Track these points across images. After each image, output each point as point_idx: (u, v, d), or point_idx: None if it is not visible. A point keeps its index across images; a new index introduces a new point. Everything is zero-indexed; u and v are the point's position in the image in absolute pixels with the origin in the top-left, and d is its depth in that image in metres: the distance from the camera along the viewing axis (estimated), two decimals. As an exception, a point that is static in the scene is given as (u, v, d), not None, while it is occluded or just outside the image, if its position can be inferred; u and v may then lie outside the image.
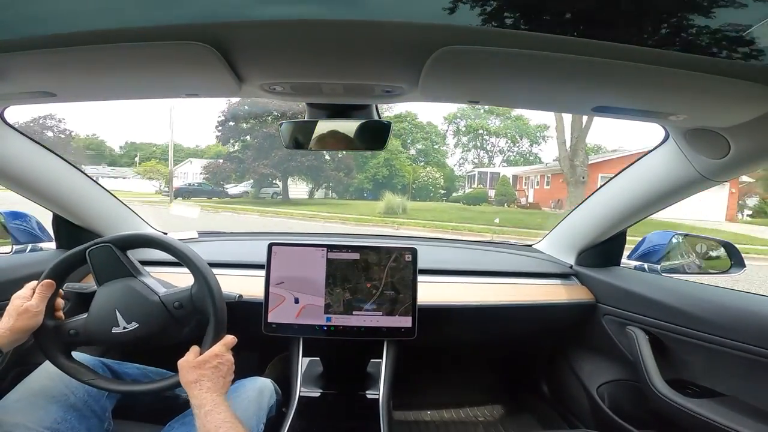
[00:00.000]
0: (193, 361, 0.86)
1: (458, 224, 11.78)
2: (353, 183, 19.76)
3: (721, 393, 1.06)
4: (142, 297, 0.93)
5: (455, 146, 27.63)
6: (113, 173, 24.65)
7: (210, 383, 0.82)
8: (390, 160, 19.95)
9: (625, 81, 0.65)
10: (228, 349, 0.91)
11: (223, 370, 0.86)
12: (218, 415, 0.77)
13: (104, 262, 0.94)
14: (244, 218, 12.62)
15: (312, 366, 1.27)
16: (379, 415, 1.10)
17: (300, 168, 17.75)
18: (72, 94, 0.88)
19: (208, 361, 0.86)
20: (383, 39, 0.58)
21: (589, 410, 1.40)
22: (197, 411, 0.78)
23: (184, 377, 0.84)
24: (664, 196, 1.14)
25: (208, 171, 18.78)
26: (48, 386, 0.92)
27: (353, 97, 0.86)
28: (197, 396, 0.80)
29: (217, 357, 0.87)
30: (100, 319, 0.92)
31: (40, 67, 0.67)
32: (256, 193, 18.68)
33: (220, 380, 0.84)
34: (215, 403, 0.79)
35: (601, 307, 1.39)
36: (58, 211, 1.30)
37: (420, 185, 20.60)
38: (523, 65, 0.61)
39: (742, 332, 0.99)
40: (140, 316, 0.91)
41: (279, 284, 1.18)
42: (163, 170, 18.82)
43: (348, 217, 12.88)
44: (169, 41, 0.58)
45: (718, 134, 0.84)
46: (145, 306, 0.92)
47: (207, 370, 0.84)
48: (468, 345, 1.80)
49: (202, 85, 0.80)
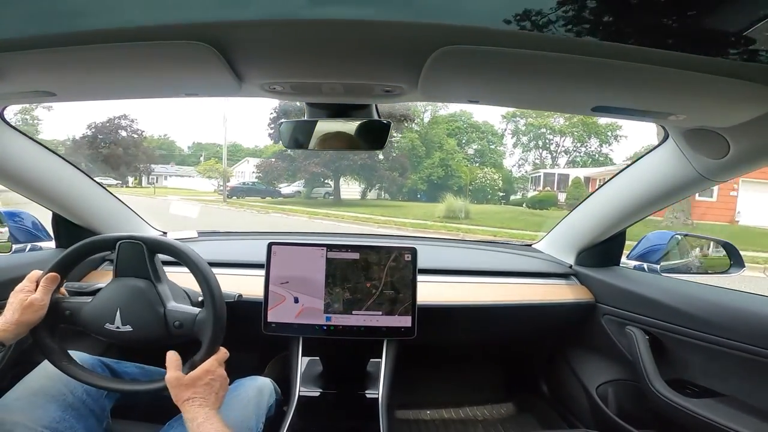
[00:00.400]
0: (184, 378, 0.83)
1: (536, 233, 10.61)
2: (407, 183, 18.94)
3: (720, 393, 1.07)
4: (148, 304, 0.92)
5: (514, 146, 25.98)
6: (180, 172, 25.20)
7: (203, 400, 0.81)
8: (446, 160, 19.18)
9: (625, 81, 0.65)
10: (221, 364, 0.89)
11: (216, 386, 0.84)
12: (211, 426, 0.76)
13: (130, 258, 0.94)
14: (294, 220, 11.89)
15: (312, 365, 1.27)
16: (379, 415, 1.10)
17: (353, 167, 17.19)
18: (72, 94, 0.88)
19: (201, 378, 0.83)
20: (383, 39, 0.58)
21: (588, 410, 1.40)
22: (189, 424, 0.78)
23: (176, 396, 0.82)
24: (664, 196, 1.14)
25: (261, 170, 18.49)
26: (47, 385, 0.91)
27: (353, 97, 0.86)
28: (189, 411, 0.79)
29: (209, 373, 0.85)
30: (99, 311, 0.91)
31: (40, 67, 0.67)
32: (307, 193, 18.40)
33: (212, 396, 0.83)
34: (207, 416, 0.78)
35: (601, 307, 1.39)
36: (58, 210, 1.30)
37: (477, 187, 19.64)
38: (523, 65, 0.61)
39: (741, 332, 0.99)
40: (137, 320, 0.90)
41: (278, 284, 1.18)
42: (221, 169, 18.97)
43: (404, 221, 11.46)
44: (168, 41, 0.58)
45: (717, 134, 0.84)
46: (147, 314, 0.91)
47: (199, 387, 0.82)
48: (468, 345, 1.80)
49: (202, 85, 0.80)
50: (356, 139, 0.97)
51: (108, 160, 17.57)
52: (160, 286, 0.95)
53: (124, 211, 1.50)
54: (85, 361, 0.97)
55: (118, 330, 0.89)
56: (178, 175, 24.65)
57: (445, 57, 0.59)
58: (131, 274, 0.94)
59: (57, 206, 1.28)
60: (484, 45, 0.56)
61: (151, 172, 22.16)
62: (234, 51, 0.61)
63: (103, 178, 14.96)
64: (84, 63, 0.66)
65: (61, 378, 0.92)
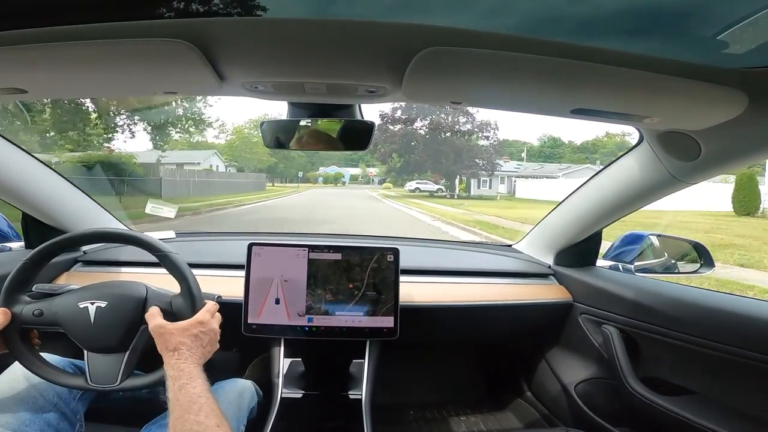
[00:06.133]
0: (168, 326, 0.80)
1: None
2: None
3: (692, 390, 1.10)
4: (130, 283, 0.91)
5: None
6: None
7: (189, 352, 0.78)
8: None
9: (603, 83, 0.66)
10: (212, 315, 0.86)
11: (205, 340, 0.82)
12: (193, 389, 0.72)
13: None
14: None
15: (294, 367, 1.26)
16: (362, 416, 1.10)
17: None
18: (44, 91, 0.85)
19: (189, 329, 0.81)
20: (367, 39, 0.58)
21: (568, 408, 1.43)
22: (171, 383, 0.73)
23: (161, 345, 0.79)
24: (638, 197, 1.17)
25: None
26: (15, 388, 0.88)
27: (336, 97, 0.86)
28: (173, 365, 0.75)
29: (201, 324, 0.82)
30: (75, 293, 0.88)
31: (11, 64, 0.65)
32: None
33: (199, 350, 0.80)
34: (191, 375, 0.74)
35: (578, 306, 1.42)
36: (28, 209, 1.26)
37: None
38: (505, 67, 0.62)
39: (712, 331, 1.02)
40: (114, 296, 0.88)
41: (259, 285, 1.17)
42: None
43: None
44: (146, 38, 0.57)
45: (689, 137, 0.87)
46: (127, 290, 0.90)
47: (187, 338, 0.79)
48: (450, 344, 1.81)
49: (181, 83, 0.78)
50: (338, 139, 0.97)
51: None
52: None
53: (94, 208, 1.46)
54: (55, 363, 0.94)
55: (93, 305, 0.86)
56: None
57: (428, 58, 0.59)
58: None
59: (27, 206, 1.24)
60: (467, 47, 0.57)
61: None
62: (215, 49, 0.60)
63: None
64: (57, 60, 0.64)
65: (30, 381, 0.89)
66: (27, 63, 0.65)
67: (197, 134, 21.34)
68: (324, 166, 47.15)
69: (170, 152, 19.91)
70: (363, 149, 0.98)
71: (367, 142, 0.97)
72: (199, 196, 15.86)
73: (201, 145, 28.48)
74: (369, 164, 48.20)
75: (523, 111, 0.87)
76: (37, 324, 0.87)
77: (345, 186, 42.90)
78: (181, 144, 24.63)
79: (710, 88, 0.65)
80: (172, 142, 20.38)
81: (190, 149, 26.54)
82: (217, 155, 28.13)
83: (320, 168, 47.11)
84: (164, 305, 0.88)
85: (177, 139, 21.29)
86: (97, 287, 0.89)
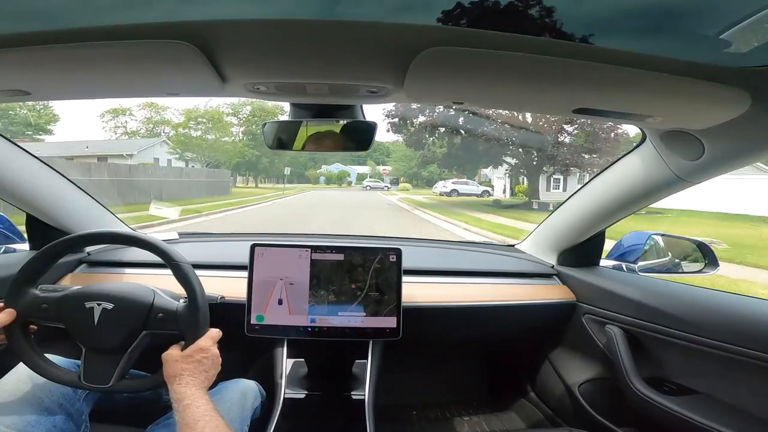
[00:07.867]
0: (176, 354, 0.84)
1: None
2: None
3: (696, 391, 1.09)
4: (138, 287, 0.92)
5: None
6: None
7: (191, 378, 0.80)
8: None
9: (606, 83, 0.66)
10: (214, 342, 0.89)
11: (206, 365, 0.84)
12: (197, 409, 0.75)
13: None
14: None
15: (297, 367, 1.26)
16: (365, 416, 1.10)
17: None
18: (47, 93, 0.85)
19: (192, 356, 0.84)
20: (369, 39, 0.58)
21: (571, 408, 1.42)
22: (176, 405, 0.77)
23: (166, 370, 0.83)
24: (641, 197, 1.16)
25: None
26: (20, 389, 0.89)
27: (338, 98, 0.86)
28: (176, 390, 0.78)
29: (202, 351, 0.85)
30: (83, 291, 0.89)
31: (14, 66, 0.65)
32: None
33: (201, 374, 0.82)
34: (194, 397, 0.77)
35: (582, 306, 1.41)
36: (32, 211, 1.26)
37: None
38: (507, 67, 0.62)
39: (717, 330, 1.02)
40: (122, 300, 0.88)
41: (262, 285, 1.17)
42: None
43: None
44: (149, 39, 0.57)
45: (693, 136, 0.86)
46: (136, 291, 0.91)
47: (189, 364, 0.82)
48: (453, 345, 1.81)
49: (183, 85, 0.78)
50: (341, 139, 0.97)
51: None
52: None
53: (98, 209, 1.46)
54: (60, 363, 0.94)
55: (99, 306, 0.87)
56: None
57: (430, 58, 0.59)
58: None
59: (31, 207, 1.24)
60: (470, 46, 0.57)
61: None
62: (218, 50, 0.61)
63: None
64: (61, 62, 0.64)
65: (35, 381, 0.90)
66: (30, 65, 0.65)
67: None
68: (327, 164, 44.97)
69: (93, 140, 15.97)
70: (366, 149, 0.99)
71: (369, 142, 0.97)
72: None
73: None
74: (378, 162, 46.40)
75: (525, 110, 0.88)
76: (40, 318, 0.89)
77: (351, 187, 39.70)
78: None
79: (713, 88, 0.64)
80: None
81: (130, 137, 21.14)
82: (167, 143, 22.22)
83: (323, 166, 44.95)
84: (169, 315, 0.90)
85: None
86: (105, 288, 0.90)
